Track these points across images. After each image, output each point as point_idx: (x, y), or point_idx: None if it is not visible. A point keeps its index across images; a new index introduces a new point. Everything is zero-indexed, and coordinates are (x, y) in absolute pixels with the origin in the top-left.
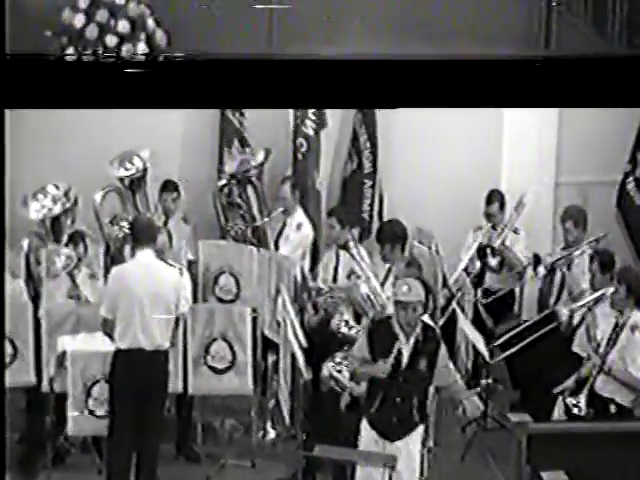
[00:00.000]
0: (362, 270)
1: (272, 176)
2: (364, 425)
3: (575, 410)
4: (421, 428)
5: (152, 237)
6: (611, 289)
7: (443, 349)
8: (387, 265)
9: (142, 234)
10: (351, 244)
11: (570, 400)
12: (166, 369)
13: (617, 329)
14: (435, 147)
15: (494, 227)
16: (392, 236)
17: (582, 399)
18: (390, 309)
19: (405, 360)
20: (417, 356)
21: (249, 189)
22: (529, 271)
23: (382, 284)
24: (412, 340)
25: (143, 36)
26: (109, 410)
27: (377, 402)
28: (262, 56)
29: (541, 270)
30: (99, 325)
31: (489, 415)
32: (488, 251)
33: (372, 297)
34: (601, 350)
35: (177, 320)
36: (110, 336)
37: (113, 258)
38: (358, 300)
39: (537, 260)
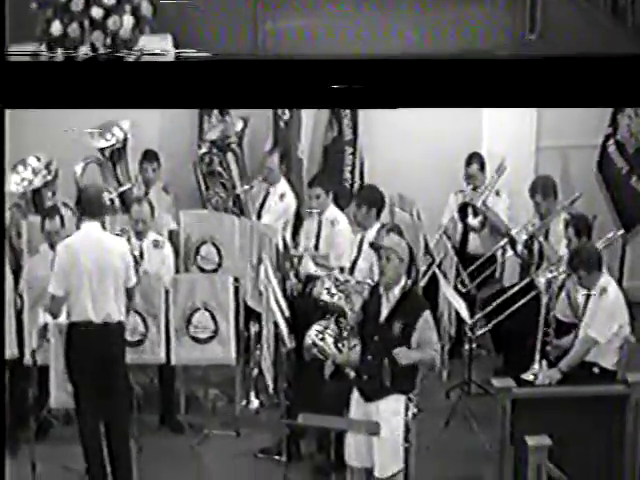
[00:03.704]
0: None
1: (254, 144)
2: None
3: (537, 381)
4: (395, 398)
5: (100, 210)
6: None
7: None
8: (360, 233)
9: (89, 206)
10: None
11: (525, 376)
12: (119, 341)
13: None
14: (415, 113)
15: (475, 189)
16: (369, 199)
17: (536, 367)
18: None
19: (383, 318)
20: (393, 318)
21: (229, 157)
22: (510, 251)
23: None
24: (392, 300)
25: (128, 8)
26: (70, 382)
27: (359, 358)
28: (256, 56)
29: (519, 248)
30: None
31: (473, 380)
32: (469, 210)
33: None
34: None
35: (129, 291)
36: (55, 315)
37: None
38: None
39: (512, 241)
